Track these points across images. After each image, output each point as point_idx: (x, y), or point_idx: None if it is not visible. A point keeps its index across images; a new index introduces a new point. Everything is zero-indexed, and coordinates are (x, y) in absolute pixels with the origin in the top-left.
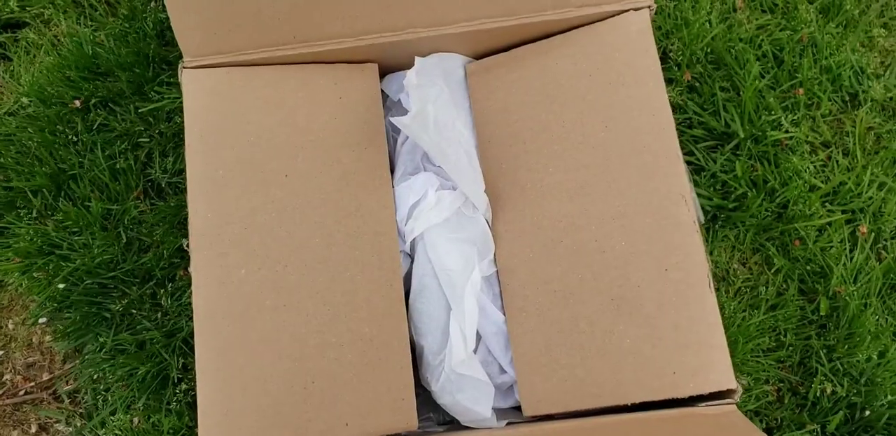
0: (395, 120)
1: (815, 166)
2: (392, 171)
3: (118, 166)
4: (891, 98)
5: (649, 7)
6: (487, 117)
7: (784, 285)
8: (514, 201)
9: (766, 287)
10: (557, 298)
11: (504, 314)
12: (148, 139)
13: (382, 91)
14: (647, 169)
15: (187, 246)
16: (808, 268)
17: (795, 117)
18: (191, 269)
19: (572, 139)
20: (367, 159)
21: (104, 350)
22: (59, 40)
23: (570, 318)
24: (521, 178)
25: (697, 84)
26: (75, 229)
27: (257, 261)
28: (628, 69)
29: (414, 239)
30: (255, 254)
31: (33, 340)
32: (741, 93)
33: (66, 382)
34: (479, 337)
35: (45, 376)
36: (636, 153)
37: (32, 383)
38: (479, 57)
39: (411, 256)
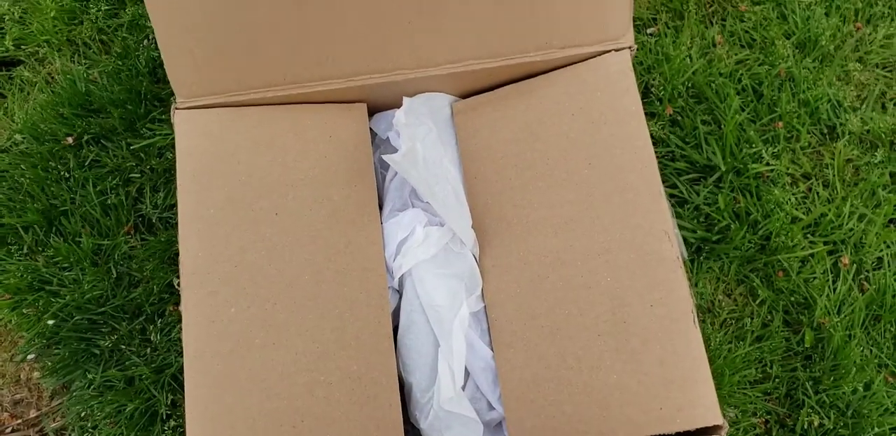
0: (387, 157)
1: (796, 198)
2: (380, 207)
3: (109, 202)
4: (867, 130)
5: (630, 48)
6: (474, 154)
7: (769, 317)
8: (501, 237)
9: (752, 318)
10: (545, 334)
11: (492, 350)
12: (139, 175)
13: (371, 130)
14: (630, 205)
15: (178, 285)
16: (793, 299)
17: (776, 150)
18: (181, 307)
19: (556, 176)
20: (356, 196)
21: (92, 387)
22: (52, 78)
23: (557, 353)
24: (507, 213)
25: (679, 118)
26: (66, 265)
27: (247, 299)
28: (610, 108)
29: (402, 275)
30: (244, 292)
31: (21, 376)
32: (722, 126)
33: (54, 419)
34: (467, 373)
35: (33, 413)
36: (619, 190)
37: (19, 421)
38: (465, 96)
39: (399, 292)
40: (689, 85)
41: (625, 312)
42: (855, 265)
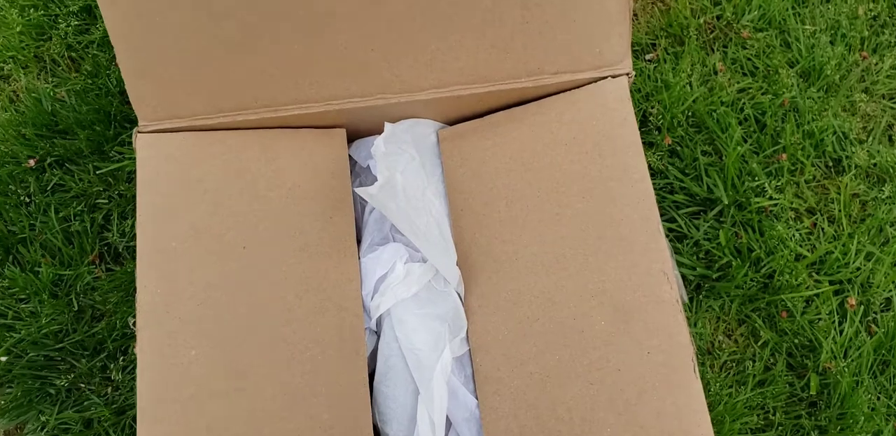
0: (361, 191)
1: (800, 234)
2: (359, 241)
3: (73, 229)
4: (874, 164)
5: (627, 74)
6: (460, 185)
7: (772, 360)
8: (488, 275)
9: (753, 362)
10: (534, 381)
11: (476, 398)
12: (106, 201)
13: (351, 157)
14: (627, 243)
15: (134, 324)
16: (797, 341)
17: (779, 183)
18: (136, 349)
19: (548, 209)
20: (332, 229)
21: (46, 429)
22: (17, 96)
23: (547, 403)
24: (494, 249)
25: (679, 148)
26: (23, 296)
27: (209, 340)
28: (605, 138)
29: (381, 315)
30: (207, 333)
31: None
32: (723, 157)
33: None
34: (449, 423)
35: None
36: (615, 225)
37: None
38: (451, 123)
39: (377, 334)
40: (690, 114)
41: (620, 360)
42: (862, 306)
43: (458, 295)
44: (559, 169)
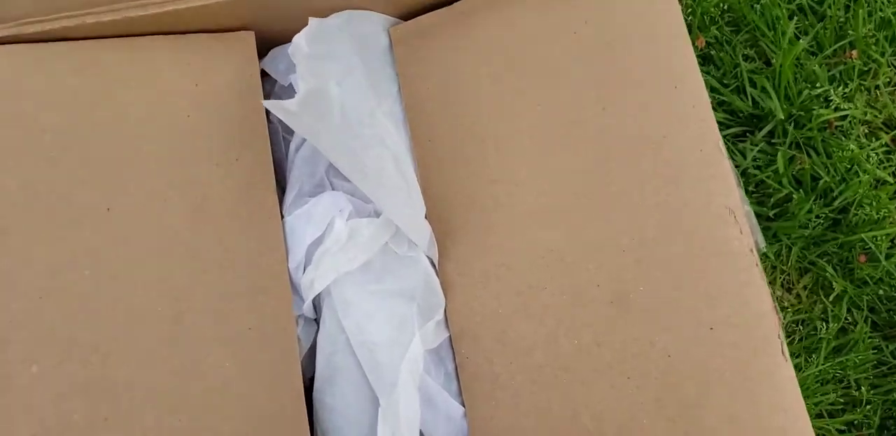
0: (272, 105)
1: (878, 155)
2: (282, 193)
3: None
4: None
5: None
6: (424, 104)
7: (849, 318)
8: (471, 230)
9: (826, 322)
10: (544, 377)
11: (463, 405)
12: None
13: (265, 73)
14: (672, 169)
15: None
16: (881, 292)
17: (847, 90)
18: None
19: (553, 130)
20: (240, 177)
21: None
22: None
23: (564, 408)
24: (479, 193)
25: (713, 52)
26: None
27: (57, 351)
28: (634, 19)
29: (318, 296)
30: (53, 339)
31: None
32: (772, 61)
33: None
34: None
35: None
36: (653, 146)
37: None
38: (407, 16)
39: (316, 323)
40: (725, 8)
41: (668, 341)
42: None
43: (430, 261)
44: (566, 71)
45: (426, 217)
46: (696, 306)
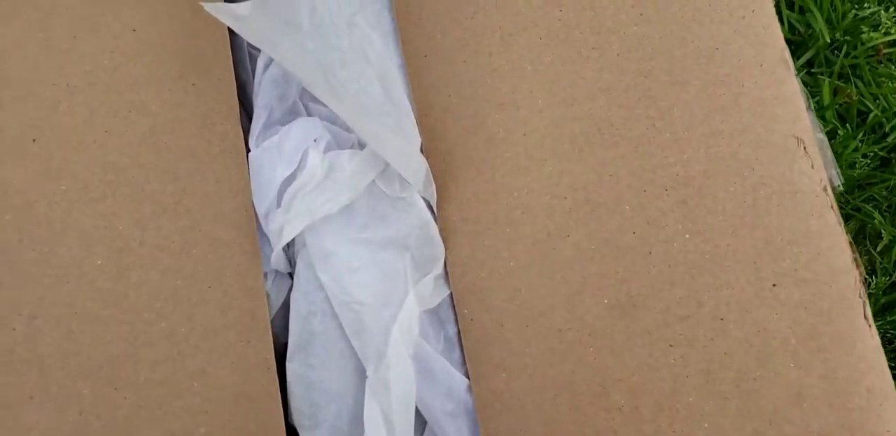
0: (215, 8)
1: None
2: (248, 121)
3: None
4: None
5: None
6: (418, 9)
7: None
8: (477, 165)
9: (873, 276)
10: (566, 344)
11: (468, 377)
12: None
13: None
14: (728, 90)
15: None
16: None
17: None
18: None
19: (578, 41)
20: (196, 104)
21: None
22: None
23: (590, 382)
24: (485, 120)
25: None
26: None
27: None
28: None
29: (291, 247)
30: None
31: None
32: None
33: None
34: (421, 421)
35: None
36: (703, 60)
37: None
38: None
39: (291, 277)
40: None
41: (720, 301)
42: None
43: (426, 203)
44: None
45: (421, 150)
46: (754, 258)
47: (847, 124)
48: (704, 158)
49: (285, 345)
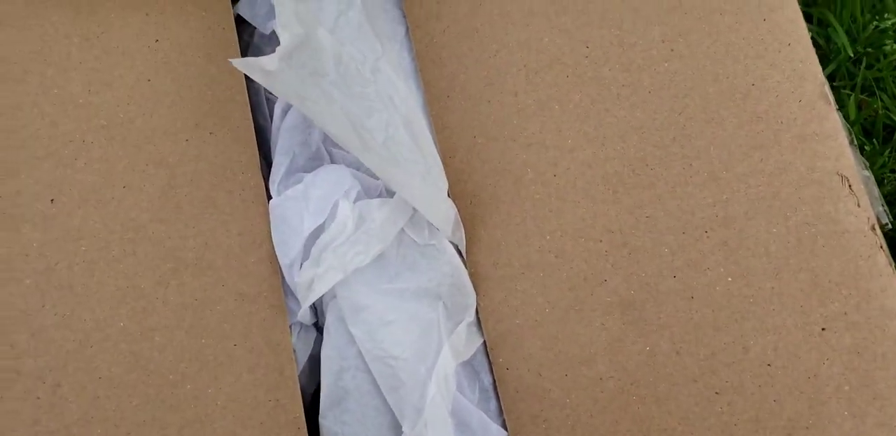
0: (244, 63)
1: None
2: (268, 168)
3: None
4: None
5: None
6: (439, 50)
7: None
8: (506, 208)
9: None
10: (608, 394)
11: (505, 428)
12: None
13: (241, 19)
14: (764, 128)
15: None
16: None
17: None
18: None
19: (607, 79)
20: (215, 155)
21: None
22: None
23: (635, 433)
24: (514, 160)
25: None
26: None
27: None
28: None
29: (321, 301)
30: None
31: None
32: None
33: None
34: None
35: None
36: (738, 97)
37: None
38: None
39: (316, 328)
40: None
41: (767, 346)
42: None
43: (457, 249)
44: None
45: (449, 195)
46: (801, 302)
47: (873, 139)
48: (744, 197)
49: (312, 397)
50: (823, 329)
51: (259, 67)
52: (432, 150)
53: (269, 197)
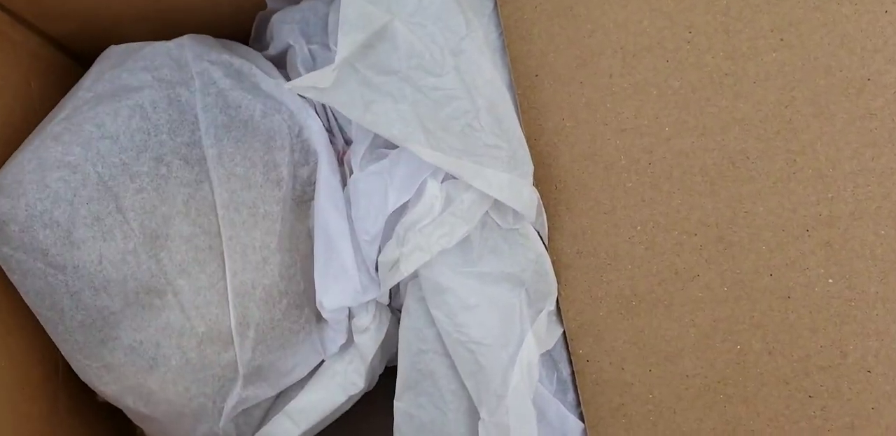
0: (293, 85)
1: None
2: (345, 144)
3: None
4: None
5: None
6: (530, 27)
7: None
8: (594, 194)
9: None
10: (694, 392)
11: (582, 420)
12: None
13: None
14: (878, 124)
15: None
16: None
17: None
18: None
19: (710, 66)
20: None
21: None
22: None
23: (722, 432)
24: (605, 146)
25: None
26: None
27: None
28: None
29: (399, 283)
30: None
31: None
32: None
33: None
34: None
35: None
36: (852, 91)
37: None
38: None
39: (393, 311)
40: None
41: (868, 352)
42: None
43: (539, 235)
44: None
45: (534, 182)
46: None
47: None
48: (851, 197)
49: (391, 384)
50: None
51: (314, 86)
52: (518, 132)
53: (350, 172)
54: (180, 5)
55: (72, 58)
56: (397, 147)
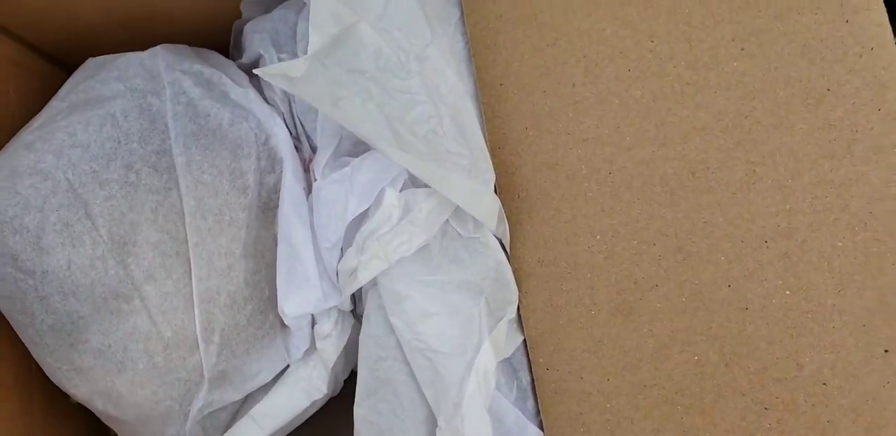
0: (262, 71)
1: None
2: (310, 151)
3: None
4: None
5: None
6: (495, 36)
7: None
8: (555, 203)
9: None
10: (651, 402)
11: (541, 428)
12: None
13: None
14: (837, 136)
15: None
16: None
17: None
18: None
19: (671, 76)
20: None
21: None
22: None
23: None
24: (567, 155)
25: None
26: None
27: None
28: None
29: (363, 290)
30: None
31: None
32: None
33: None
34: None
35: None
36: (811, 103)
37: None
38: None
39: (354, 315)
40: None
41: (824, 364)
42: None
43: (501, 244)
44: None
45: (496, 190)
46: (864, 321)
47: None
48: (810, 209)
49: (346, 384)
50: (886, 351)
51: (285, 75)
52: (480, 141)
53: (314, 179)
54: (159, 14)
55: (52, 64)
56: (360, 155)
